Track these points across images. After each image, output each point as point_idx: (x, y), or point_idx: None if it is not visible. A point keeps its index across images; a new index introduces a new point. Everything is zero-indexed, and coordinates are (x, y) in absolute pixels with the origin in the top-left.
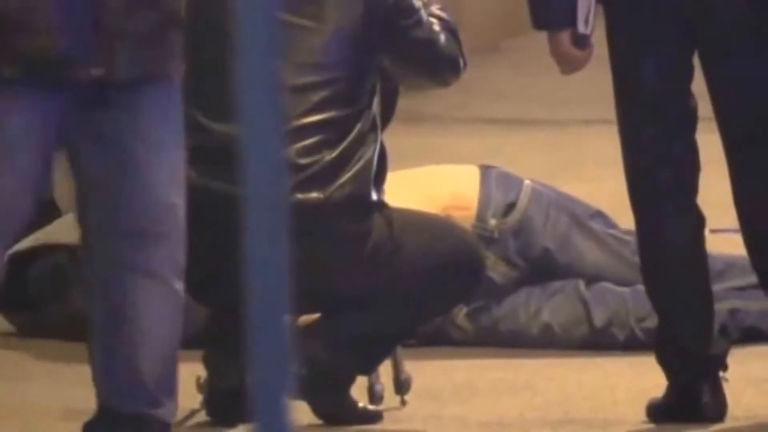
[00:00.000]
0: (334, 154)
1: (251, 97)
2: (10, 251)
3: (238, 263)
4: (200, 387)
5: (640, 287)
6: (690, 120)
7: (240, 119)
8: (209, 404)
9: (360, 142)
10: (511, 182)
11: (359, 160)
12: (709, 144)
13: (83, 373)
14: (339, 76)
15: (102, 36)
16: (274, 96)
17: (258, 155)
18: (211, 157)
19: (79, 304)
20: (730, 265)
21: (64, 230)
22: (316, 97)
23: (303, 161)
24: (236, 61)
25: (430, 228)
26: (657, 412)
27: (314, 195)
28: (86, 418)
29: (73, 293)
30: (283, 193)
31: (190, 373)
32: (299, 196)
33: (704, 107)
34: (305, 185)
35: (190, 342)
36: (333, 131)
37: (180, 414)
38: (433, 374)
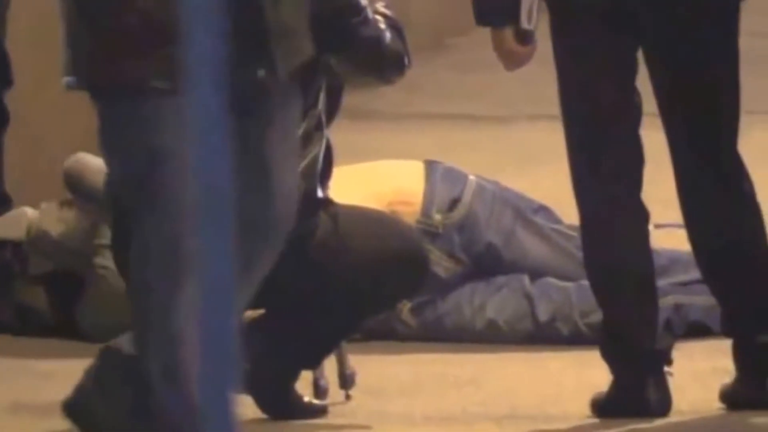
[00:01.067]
0: None
1: (195, 92)
2: None
3: None
4: None
5: (585, 282)
6: (634, 116)
7: (189, 124)
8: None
9: (306, 140)
10: (456, 178)
11: (305, 158)
12: (653, 140)
13: (30, 368)
14: None
15: (259, 36)
16: (220, 98)
17: (202, 150)
18: None
19: (23, 299)
20: (674, 261)
21: (9, 226)
22: None
23: None
24: (184, 61)
25: (375, 224)
26: (601, 407)
27: None
28: (36, 414)
29: (18, 288)
30: (228, 187)
31: None
32: None
33: (649, 103)
34: None
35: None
36: None
37: None
38: (378, 369)
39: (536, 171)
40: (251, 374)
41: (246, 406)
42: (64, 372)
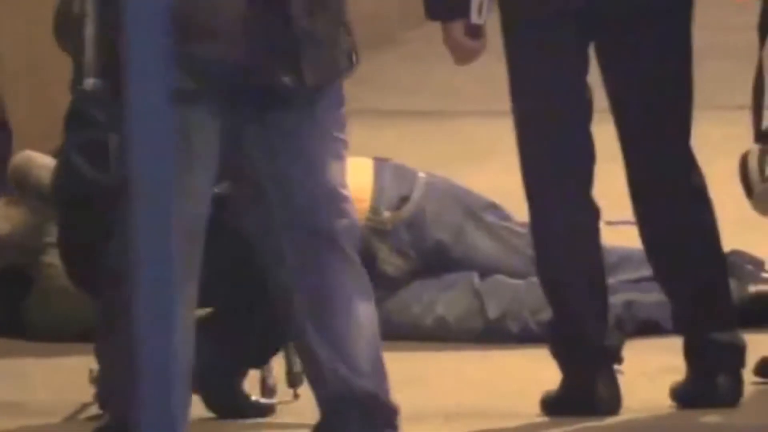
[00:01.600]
0: None
1: (141, 91)
2: None
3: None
4: (93, 380)
5: (535, 280)
6: (585, 112)
7: (130, 111)
8: (101, 397)
9: None
10: (405, 175)
11: None
12: (605, 136)
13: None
14: None
15: (288, 42)
16: (165, 91)
17: (146, 147)
18: (105, 149)
19: None
20: (625, 258)
21: None
22: None
23: None
24: (126, 56)
25: None
26: (551, 405)
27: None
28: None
29: None
30: (170, 182)
31: (83, 365)
32: None
33: (600, 99)
34: None
35: (82, 334)
36: None
37: (71, 407)
38: None
39: (486, 167)
40: (198, 373)
41: (194, 405)
42: (8, 371)
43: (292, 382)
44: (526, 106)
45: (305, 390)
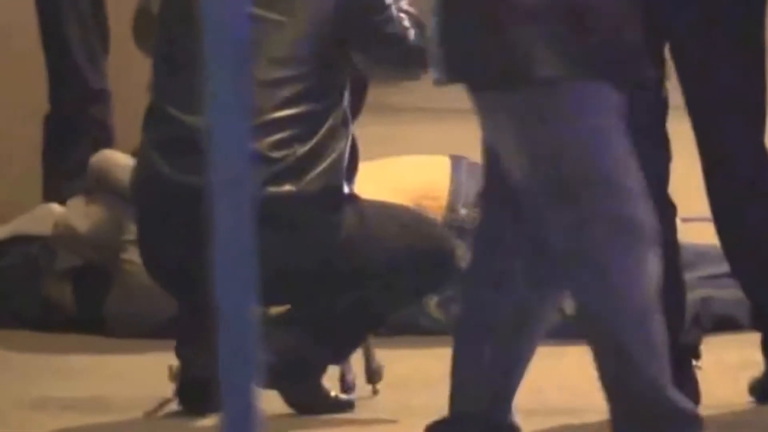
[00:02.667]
0: (306, 148)
1: (218, 90)
2: None
3: (209, 256)
4: (172, 376)
5: None
6: (661, 110)
7: (207, 112)
8: (181, 393)
9: (331, 136)
10: (481, 172)
11: (331, 154)
12: (680, 132)
13: (56, 363)
14: (310, 71)
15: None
16: (242, 89)
17: (225, 147)
18: (184, 149)
19: (50, 294)
20: (702, 254)
21: (37, 221)
22: (288, 91)
23: (275, 155)
24: (204, 52)
25: (401, 219)
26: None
27: (286, 188)
28: (60, 408)
29: (45, 283)
30: (250, 184)
31: (163, 362)
32: (272, 189)
33: (676, 96)
34: (277, 178)
35: (161, 330)
36: (304, 126)
37: (151, 403)
38: (405, 363)
39: None
40: (278, 369)
41: (273, 401)
42: (89, 367)
43: (372, 378)
44: None
45: (384, 386)
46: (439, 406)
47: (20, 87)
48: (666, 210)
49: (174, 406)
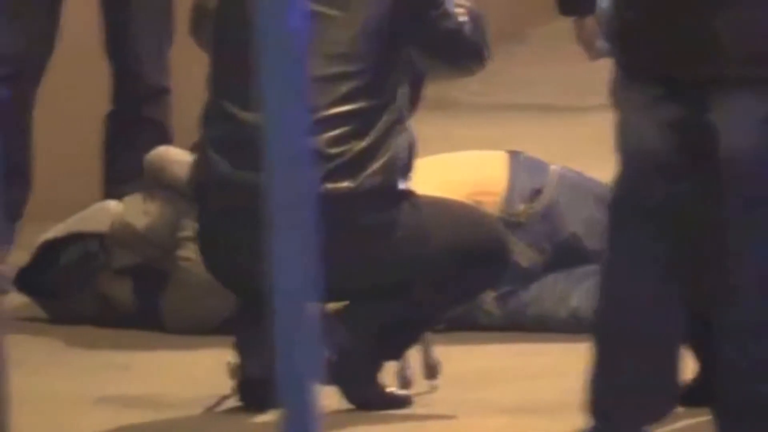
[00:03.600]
0: (364, 144)
1: (274, 87)
2: (42, 239)
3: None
4: (231, 372)
5: None
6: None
7: (263, 108)
8: (241, 390)
9: (388, 132)
10: (538, 168)
11: (388, 150)
12: None
13: (114, 360)
14: (367, 66)
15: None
16: (298, 85)
17: (282, 144)
18: (241, 146)
19: (108, 291)
20: None
21: (95, 219)
22: (345, 87)
23: (332, 151)
24: (260, 50)
25: (458, 215)
26: (686, 394)
27: (344, 184)
28: (119, 406)
29: (102, 281)
30: (307, 181)
31: (220, 358)
32: (329, 185)
33: None
34: (335, 175)
35: (219, 327)
36: (362, 121)
37: (210, 400)
38: (462, 359)
39: (614, 161)
40: (336, 365)
41: (331, 397)
42: (147, 364)
43: (429, 373)
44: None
45: (442, 382)
46: (496, 401)
47: (80, 85)
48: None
49: (233, 402)
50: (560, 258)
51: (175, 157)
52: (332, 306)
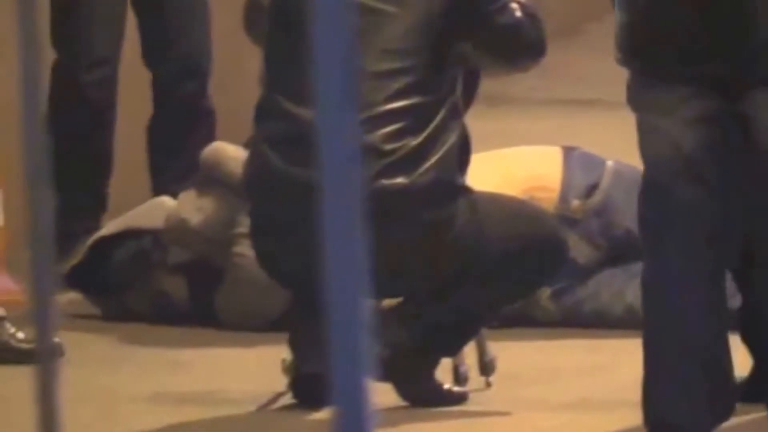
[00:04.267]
0: (419, 140)
1: (327, 83)
2: (96, 235)
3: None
4: (285, 369)
5: None
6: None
7: (316, 104)
8: (295, 387)
9: (443, 128)
10: (594, 163)
11: (443, 145)
12: None
13: (169, 357)
14: (422, 62)
15: None
16: (350, 81)
17: (334, 140)
18: (296, 142)
19: (162, 288)
20: None
21: (149, 215)
22: (400, 83)
23: (387, 147)
24: (311, 45)
25: (513, 211)
26: (742, 391)
27: (399, 180)
28: (174, 403)
29: (157, 277)
30: (359, 177)
31: (275, 355)
32: (384, 181)
33: None
34: (390, 171)
35: (274, 324)
36: (417, 117)
37: (265, 397)
38: (518, 355)
39: None
40: (391, 362)
41: (386, 394)
42: (202, 361)
43: (485, 370)
44: None
45: (497, 378)
46: (551, 398)
47: (124, 89)
48: None
49: (287, 399)
50: (616, 254)
51: (231, 153)
52: (387, 303)
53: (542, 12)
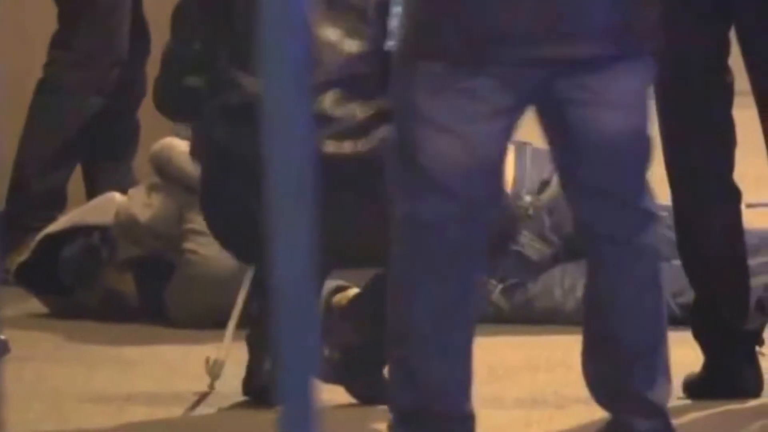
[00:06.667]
0: (370, 109)
1: (274, 52)
2: (43, 232)
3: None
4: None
5: (676, 262)
6: (726, 96)
7: (263, 75)
8: (247, 386)
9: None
10: (545, 159)
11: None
12: (744, 118)
13: (117, 355)
14: (377, 32)
15: None
16: (299, 49)
17: (282, 114)
18: (243, 112)
19: (111, 285)
20: (765, 240)
21: (97, 211)
22: (355, 50)
23: (337, 113)
24: (260, 21)
25: None
26: (693, 387)
27: (347, 147)
28: (122, 402)
29: (106, 274)
30: (308, 151)
31: (227, 352)
32: (332, 148)
33: (740, 81)
34: (339, 137)
35: (224, 322)
36: (368, 86)
37: (211, 396)
38: None
39: None
40: (341, 363)
41: (335, 391)
42: (151, 359)
43: None
44: (666, 91)
45: None
46: (503, 394)
47: None
48: (731, 196)
49: (212, 400)
50: (568, 250)
51: (181, 148)
52: (336, 302)
53: None
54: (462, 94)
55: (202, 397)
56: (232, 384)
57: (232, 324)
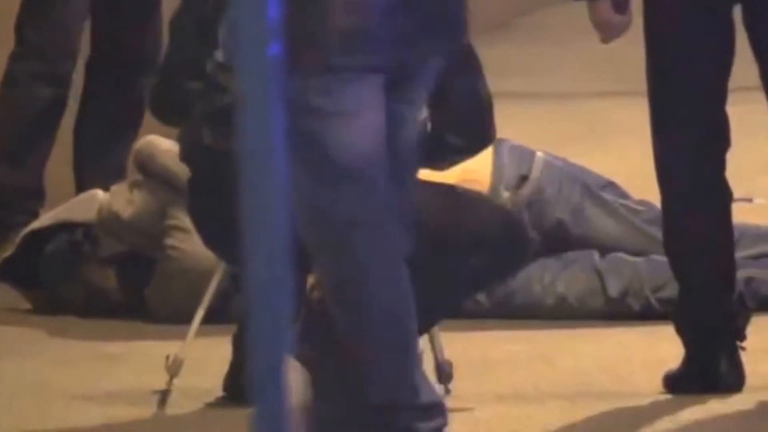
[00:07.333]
0: None
1: (247, 60)
2: (28, 229)
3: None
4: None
5: (655, 257)
6: (722, 94)
7: (237, 71)
8: (227, 383)
9: None
10: (524, 154)
11: None
12: (744, 113)
13: (100, 350)
14: None
15: None
16: (270, 56)
17: (255, 110)
18: (227, 117)
19: (94, 281)
20: (742, 234)
21: (80, 208)
22: None
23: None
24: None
25: (449, 198)
26: (674, 382)
27: None
28: (105, 397)
29: (88, 270)
30: (279, 163)
31: (207, 350)
32: None
33: (744, 77)
34: None
35: (206, 319)
36: None
37: (188, 392)
38: (449, 347)
39: (602, 146)
40: (317, 359)
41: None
42: (133, 355)
43: (442, 377)
44: (663, 88)
45: (429, 370)
46: (483, 389)
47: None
48: (723, 195)
49: (174, 398)
50: (547, 245)
51: (164, 146)
52: (318, 297)
53: (473, 6)
54: None
55: (164, 395)
56: (213, 382)
57: (195, 322)
